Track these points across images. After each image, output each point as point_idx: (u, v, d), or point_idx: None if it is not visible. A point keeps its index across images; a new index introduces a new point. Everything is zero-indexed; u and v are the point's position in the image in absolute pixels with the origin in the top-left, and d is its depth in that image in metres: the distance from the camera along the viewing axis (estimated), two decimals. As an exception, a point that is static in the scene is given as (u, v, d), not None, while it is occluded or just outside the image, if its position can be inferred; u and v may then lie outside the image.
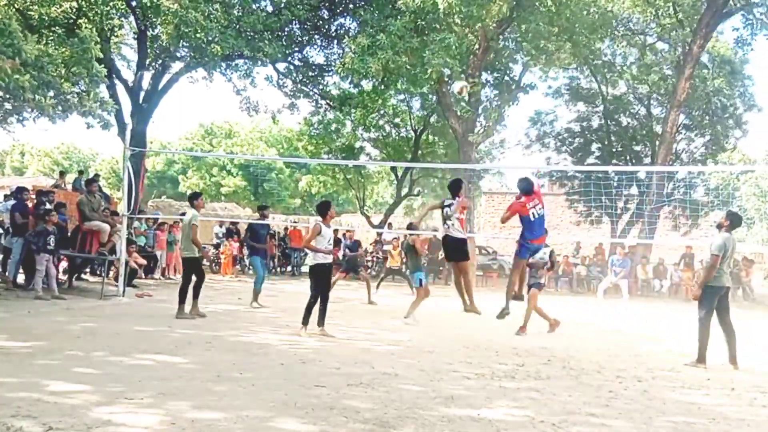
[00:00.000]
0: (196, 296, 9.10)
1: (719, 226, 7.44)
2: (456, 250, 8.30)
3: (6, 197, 13.39)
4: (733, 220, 7.42)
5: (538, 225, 7.73)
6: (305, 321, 7.91)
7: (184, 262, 9.76)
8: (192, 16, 15.19)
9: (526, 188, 7.72)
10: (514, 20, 17.38)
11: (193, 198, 9.72)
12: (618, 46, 24.04)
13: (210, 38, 16.54)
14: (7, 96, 11.34)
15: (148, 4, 15.78)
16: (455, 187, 8.37)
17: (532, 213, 7.59)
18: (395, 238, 17.16)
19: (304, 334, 7.81)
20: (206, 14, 16.00)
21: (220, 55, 16.91)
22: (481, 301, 8.87)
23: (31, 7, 15.08)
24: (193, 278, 9.15)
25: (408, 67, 17.36)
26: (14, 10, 13.45)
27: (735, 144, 24.88)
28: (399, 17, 16.74)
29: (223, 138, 49.09)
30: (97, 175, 17.15)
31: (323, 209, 8.30)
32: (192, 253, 9.14)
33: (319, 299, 7.97)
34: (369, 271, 19.08)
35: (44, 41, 12.54)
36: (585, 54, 19.94)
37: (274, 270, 19.27)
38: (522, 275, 8.36)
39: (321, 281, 8.04)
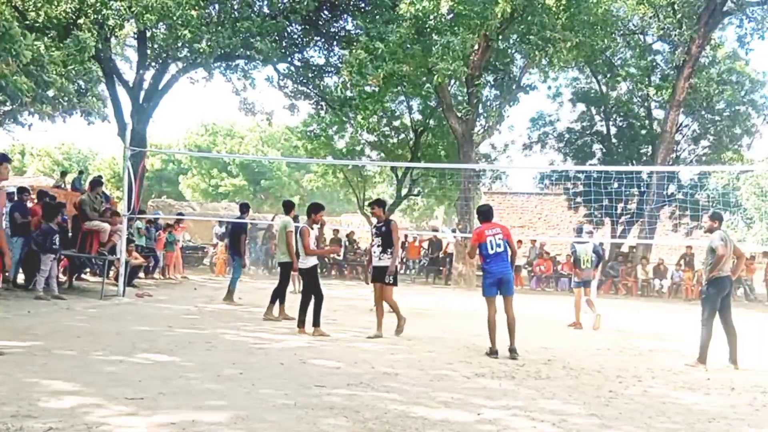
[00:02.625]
0: (282, 300, 9.51)
1: (709, 230, 7.44)
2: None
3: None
4: (719, 218, 7.49)
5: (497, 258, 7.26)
6: (301, 322, 8.09)
7: (280, 266, 9.91)
8: (175, 11, 15.06)
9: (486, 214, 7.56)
10: (515, 20, 17.36)
11: (289, 207, 10.00)
12: (619, 46, 24.05)
13: (198, 35, 16.45)
14: (6, 99, 11.34)
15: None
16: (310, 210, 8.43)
17: (490, 242, 7.21)
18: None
19: (302, 334, 7.92)
20: (191, 5, 15.89)
21: (208, 53, 16.80)
22: (480, 301, 8.84)
23: (29, 6, 15.08)
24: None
25: (411, 72, 17.32)
26: (13, 10, 13.43)
27: (738, 148, 24.84)
28: (399, 23, 16.68)
29: (224, 137, 49.13)
30: (100, 176, 17.15)
31: (311, 211, 8.49)
32: (287, 257, 9.35)
33: (312, 299, 8.16)
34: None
35: (42, 41, 12.51)
36: (587, 53, 19.91)
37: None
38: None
39: (314, 282, 8.24)
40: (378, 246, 8.07)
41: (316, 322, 8.04)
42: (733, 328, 7.31)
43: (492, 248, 7.21)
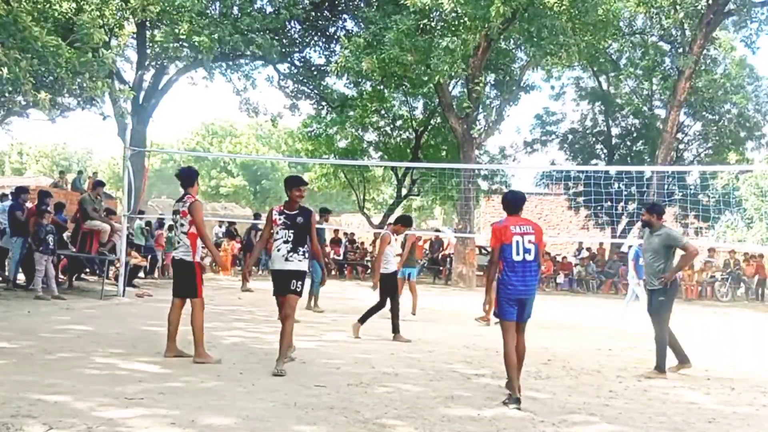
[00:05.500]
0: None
1: (647, 224, 6.65)
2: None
3: (3, 196, 13.38)
4: (659, 212, 6.69)
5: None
6: (395, 327, 8.03)
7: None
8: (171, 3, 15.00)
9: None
10: (517, 20, 17.35)
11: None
12: (621, 45, 24.07)
13: (197, 27, 16.40)
14: (8, 89, 11.29)
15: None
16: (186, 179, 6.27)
17: (517, 245, 5.07)
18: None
19: (398, 341, 7.88)
20: (195, 1, 15.88)
21: (208, 47, 16.75)
22: (481, 300, 8.84)
23: (26, 4, 15.06)
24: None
25: (413, 66, 17.33)
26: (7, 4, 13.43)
27: (744, 151, 24.93)
28: (404, 14, 16.69)
29: (224, 137, 49.17)
30: (100, 180, 17.16)
31: (398, 222, 8.60)
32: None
33: (390, 305, 8.13)
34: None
35: (46, 30, 12.45)
36: (590, 52, 19.91)
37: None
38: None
39: (393, 288, 8.26)
40: (285, 241, 5.77)
41: (395, 329, 8.02)
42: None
43: (518, 253, 5.03)
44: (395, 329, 7.98)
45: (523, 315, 5.16)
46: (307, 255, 5.82)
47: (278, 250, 5.77)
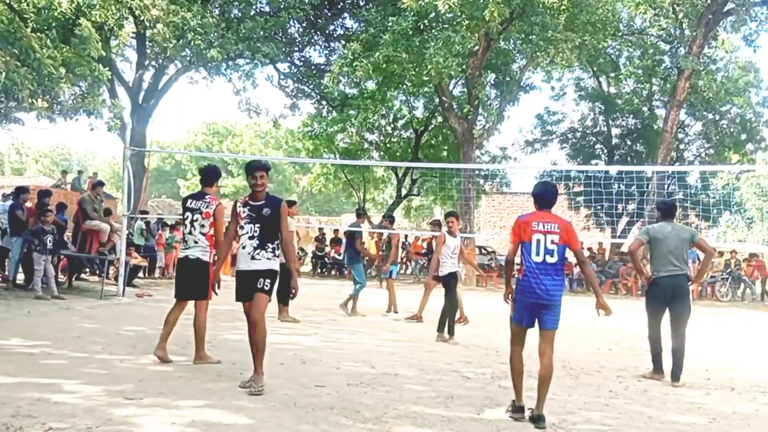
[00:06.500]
0: (286, 301, 9.23)
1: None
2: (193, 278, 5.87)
3: (5, 197, 13.39)
4: (662, 209, 6.58)
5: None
6: (450, 329, 8.08)
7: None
8: (184, 19, 15.07)
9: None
10: (515, 19, 17.37)
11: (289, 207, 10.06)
12: (621, 45, 24.07)
13: (208, 42, 16.47)
14: (3, 95, 11.31)
15: (140, 10, 15.68)
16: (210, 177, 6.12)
17: (537, 243, 4.56)
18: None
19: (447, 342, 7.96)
20: (202, 16, 15.92)
21: (219, 59, 16.87)
22: (480, 300, 8.85)
23: (27, 7, 15.06)
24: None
25: (408, 64, 17.35)
26: (11, 11, 13.42)
27: (745, 152, 24.95)
28: (401, 15, 16.71)
29: (225, 136, 49.18)
30: (100, 180, 17.18)
31: (448, 216, 8.64)
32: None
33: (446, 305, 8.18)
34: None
35: (43, 42, 12.50)
36: (589, 53, 19.91)
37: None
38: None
39: (451, 289, 8.29)
40: (251, 237, 5.01)
41: (440, 328, 8.06)
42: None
43: (538, 253, 4.53)
44: (440, 328, 8.06)
45: (543, 322, 4.63)
46: (277, 252, 5.06)
47: (243, 248, 5.02)
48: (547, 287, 4.54)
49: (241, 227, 5.06)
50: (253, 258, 5.00)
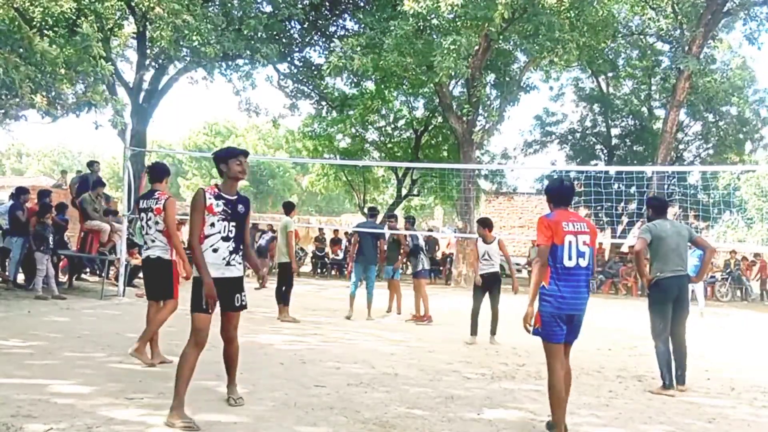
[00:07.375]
0: (287, 302, 9.47)
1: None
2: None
3: (12, 196, 13.38)
4: (653, 206, 6.29)
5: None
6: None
7: (279, 266, 9.89)
8: (186, 21, 15.05)
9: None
10: (516, 19, 17.34)
11: (290, 208, 10.12)
12: (620, 46, 24.08)
13: (206, 40, 16.43)
14: (4, 92, 11.30)
15: (144, 7, 15.66)
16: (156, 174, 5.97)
17: (569, 246, 4.09)
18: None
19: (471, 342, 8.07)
20: (203, 15, 15.90)
21: (214, 56, 16.80)
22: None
23: (30, 7, 15.06)
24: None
25: (413, 68, 17.33)
26: (14, 10, 13.40)
27: (748, 154, 24.97)
28: (402, 19, 16.69)
29: (227, 136, 49.16)
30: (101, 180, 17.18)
31: (483, 224, 8.65)
32: (286, 258, 9.53)
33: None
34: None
35: (46, 41, 12.48)
36: (589, 53, 19.90)
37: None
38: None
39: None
40: (226, 238, 4.22)
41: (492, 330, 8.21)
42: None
43: (571, 257, 4.07)
44: (493, 330, 8.19)
45: (572, 334, 4.19)
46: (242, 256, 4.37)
47: (215, 251, 4.16)
48: (581, 295, 4.12)
49: (212, 224, 4.16)
50: (228, 264, 4.23)
